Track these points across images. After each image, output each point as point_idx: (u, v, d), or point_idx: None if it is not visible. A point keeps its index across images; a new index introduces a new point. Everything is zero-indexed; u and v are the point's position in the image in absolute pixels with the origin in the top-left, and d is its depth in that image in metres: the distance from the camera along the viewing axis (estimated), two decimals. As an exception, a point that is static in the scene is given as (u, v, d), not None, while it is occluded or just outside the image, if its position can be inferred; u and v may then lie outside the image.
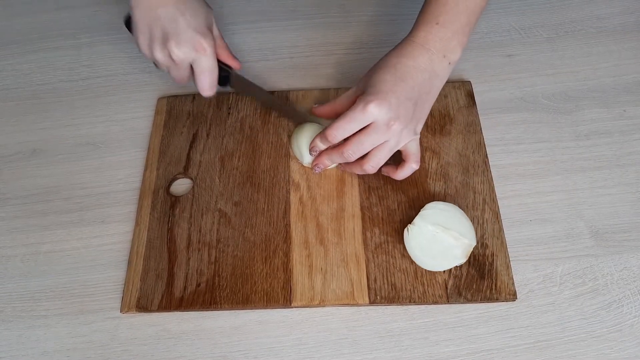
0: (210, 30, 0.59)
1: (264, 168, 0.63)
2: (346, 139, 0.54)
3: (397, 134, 0.53)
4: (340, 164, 0.59)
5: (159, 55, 0.58)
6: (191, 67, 0.59)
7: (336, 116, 0.57)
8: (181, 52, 0.56)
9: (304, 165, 0.61)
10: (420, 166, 0.61)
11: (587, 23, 0.74)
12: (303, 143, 0.60)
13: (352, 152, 0.54)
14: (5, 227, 0.62)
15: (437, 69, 0.54)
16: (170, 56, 0.57)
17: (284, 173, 0.62)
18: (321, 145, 0.56)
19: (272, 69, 0.72)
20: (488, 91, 0.68)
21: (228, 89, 0.64)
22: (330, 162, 0.58)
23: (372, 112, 0.51)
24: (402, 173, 0.57)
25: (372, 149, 0.54)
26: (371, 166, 0.55)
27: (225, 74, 0.62)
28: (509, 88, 0.68)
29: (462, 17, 0.53)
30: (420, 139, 0.63)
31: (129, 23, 0.61)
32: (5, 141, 0.68)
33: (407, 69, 0.53)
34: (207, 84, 0.59)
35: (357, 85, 0.56)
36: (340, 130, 0.53)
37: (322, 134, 0.55)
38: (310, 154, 0.58)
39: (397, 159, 0.57)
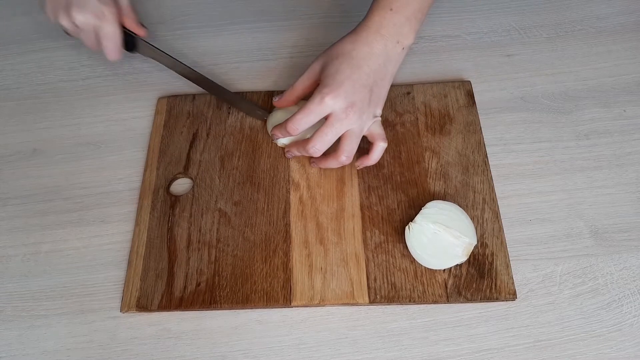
0: None
1: (264, 168, 0.63)
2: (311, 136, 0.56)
3: (357, 119, 0.55)
4: (314, 161, 0.61)
5: (64, 21, 0.61)
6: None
7: (298, 101, 0.61)
8: (83, 18, 0.60)
9: (278, 145, 0.63)
10: (420, 166, 0.61)
11: (587, 23, 0.74)
12: (276, 124, 0.61)
13: (318, 146, 0.56)
14: (5, 227, 0.62)
15: (391, 54, 0.56)
16: (73, 22, 0.61)
17: (284, 173, 0.62)
18: (280, 134, 0.59)
19: (272, 69, 0.72)
20: (488, 91, 0.68)
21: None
22: (299, 153, 0.60)
23: (328, 103, 0.54)
24: (374, 155, 0.59)
25: (341, 142, 0.56)
26: (345, 157, 0.57)
27: (130, 39, 0.65)
28: (509, 88, 0.68)
29: (415, 4, 0.56)
30: (420, 138, 0.63)
31: None
32: (5, 141, 0.68)
33: (362, 55, 0.55)
34: (110, 49, 0.63)
35: (313, 67, 0.58)
36: (298, 123, 0.55)
37: (281, 126, 0.57)
38: (273, 139, 0.62)
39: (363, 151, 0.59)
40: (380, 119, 0.58)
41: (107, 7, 0.61)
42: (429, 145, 0.63)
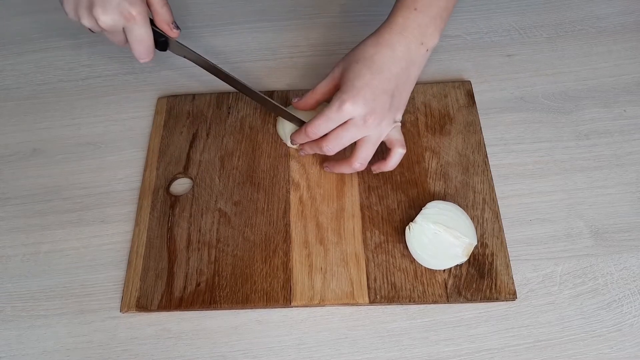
0: None
1: (264, 168, 0.63)
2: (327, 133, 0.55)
3: (375, 127, 0.54)
4: (327, 165, 0.61)
5: (87, 22, 0.55)
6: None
7: (317, 105, 0.59)
8: (109, 19, 0.53)
9: (288, 146, 0.63)
10: (420, 166, 0.61)
11: (587, 23, 0.74)
12: (287, 125, 0.61)
13: (332, 146, 0.55)
14: (5, 227, 0.62)
15: (414, 57, 0.54)
16: (97, 24, 0.54)
17: (284, 173, 0.62)
18: (300, 140, 0.57)
19: (272, 69, 0.72)
20: (488, 91, 0.68)
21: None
22: (312, 151, 0.59)
23: (347, 110, 0.52)
24: (392, 162, 0.57)
25: (356, 148, 0.56)
26: (359, 163, 0.56)
27: (163, 39, 0.59)
28: (509, 88, 0.68)
29: (441, 2, 0.53)
30: (420, 138, 0.63)
31: None
32: (5, 141, 0.68)
33: (384, 60, 0.53)
34: (141, 52, 0.57)
35: (334, 71, 0.56)
36: (317, 128, 0.54)
37: (300, 130, 0.56)
38: (292, 144, 0.61)
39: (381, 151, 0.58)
40: (400, 124, 0.57)
41: (135, 6, 0.53)
42: (429, 145, 0.63)
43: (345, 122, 0.53)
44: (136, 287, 0.56)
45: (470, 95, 0.66)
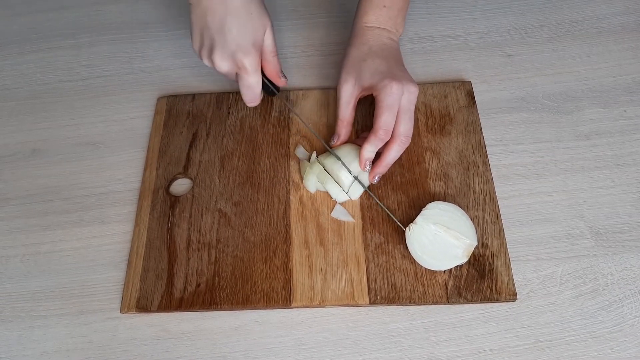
0: (255, 46, 0.58)
1: (264, 168, 0.62)
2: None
3: (402, 89, 0.57)
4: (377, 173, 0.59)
5: (207, 62, 0.60)
6: None
7: (351, 127, 0.61)
8: (224, 66, 0.58)
9: (351, 197, 0.60)
10: (421, 166, 0.61)
11: (587, 23, 0.74)
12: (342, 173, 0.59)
13: (409, 127, 0.57)
14: (5, 227, 0.62)
15: (395, 40, 0.64)
16: (214, 67, 0.59)
17: (284, 173, 0.62)
18: (372, 151, 0.57)
19: (272, 69, 0.72)
20: (488, 91, 0.68)
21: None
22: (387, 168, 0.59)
23: (395, 89, 0.56)
24: (391, 152, 0.58)
25: (400, 120, 0.57)
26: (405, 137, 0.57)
27: (271, 90, 0.64)
28: (509, 88, 0.68)
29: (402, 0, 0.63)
30: (420, 138, 0.63)
31: None
32: (5, 141, 0.68)
33: (382, 48, 0.61)
34: (247, 98, 0.62)
35: (345, 89, 0.59)
36: (388, 120, 0.56)
37: (375, 136, 0.56)
38: (374, 181, 0.59)
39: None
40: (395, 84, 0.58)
41: (248, 57, 0.57)
42: (429, 145, 0.63)
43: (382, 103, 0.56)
44: (136, 287, 0.56)
45: (470, 96, 0.66)
